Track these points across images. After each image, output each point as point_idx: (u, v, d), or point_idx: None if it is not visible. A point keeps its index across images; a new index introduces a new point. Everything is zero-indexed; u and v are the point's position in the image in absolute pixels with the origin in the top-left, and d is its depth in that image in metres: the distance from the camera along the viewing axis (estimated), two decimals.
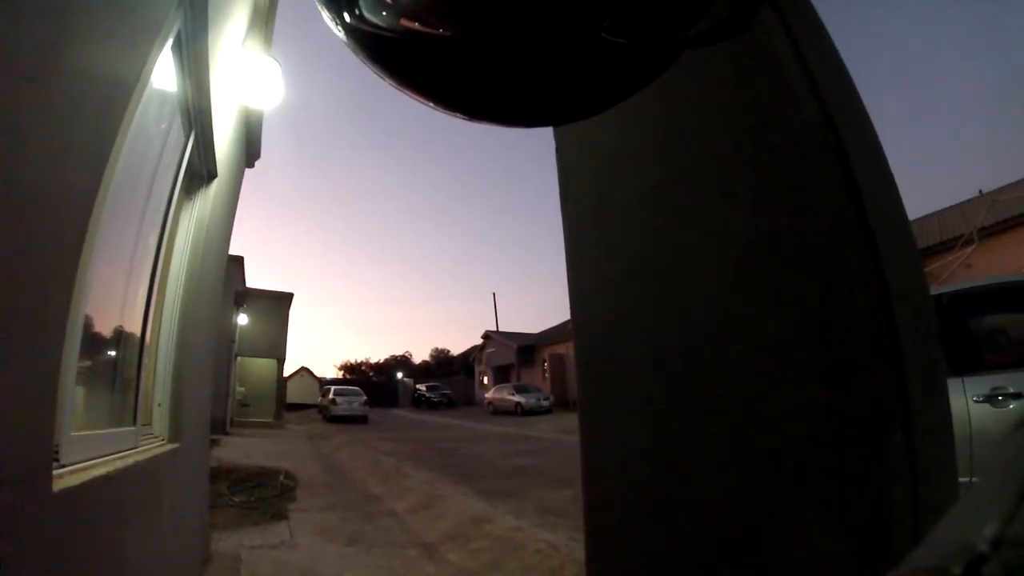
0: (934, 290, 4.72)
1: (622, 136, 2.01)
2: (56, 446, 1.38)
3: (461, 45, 0.56)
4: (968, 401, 3.80)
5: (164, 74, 2.28)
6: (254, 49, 4.04)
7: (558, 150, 2.34)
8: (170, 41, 2.10)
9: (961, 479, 1.37)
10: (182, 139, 2.76)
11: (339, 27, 0.56)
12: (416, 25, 0.54)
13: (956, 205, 17.64)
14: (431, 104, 0.61)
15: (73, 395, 1.51)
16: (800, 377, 1.38)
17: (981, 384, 3.88)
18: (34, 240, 1.12)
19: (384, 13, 0.54)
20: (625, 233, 1.98)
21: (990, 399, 3.80)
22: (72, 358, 1.43)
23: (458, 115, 0.62)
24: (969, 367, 3.99)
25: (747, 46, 1.49)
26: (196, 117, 2.82)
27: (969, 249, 12.65)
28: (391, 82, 0.60)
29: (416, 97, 0.60)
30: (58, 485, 1.29)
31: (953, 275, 11.96)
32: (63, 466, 1.44)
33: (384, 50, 0.58)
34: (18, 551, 1.09)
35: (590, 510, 2.04)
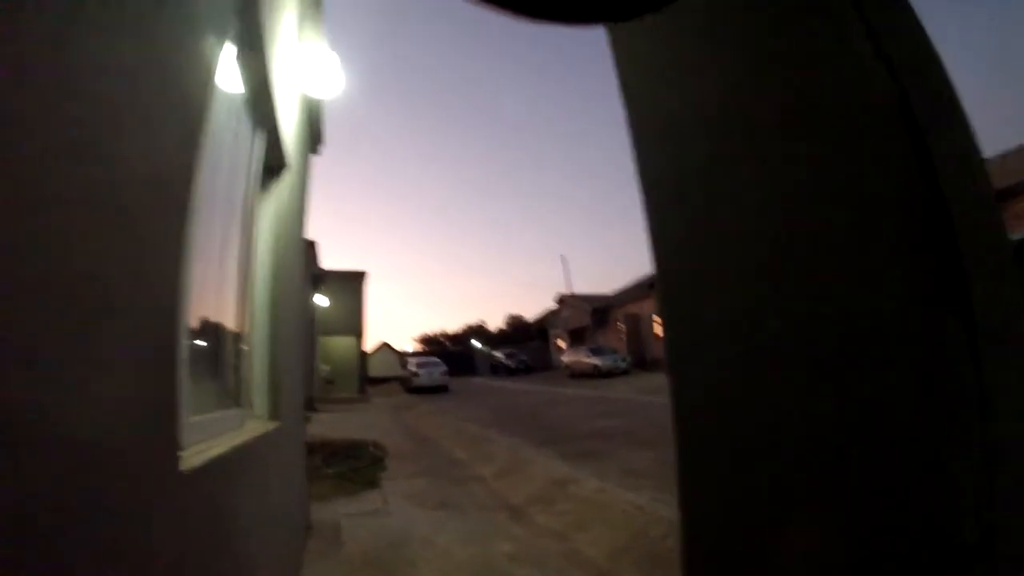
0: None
1: (694, 94, 2.00)
2: (178, 432, 1.53)
3: None
4: None
5: (230, 78, 2.40)
6: (311, 40, 4.15)
7: (627, 106, 2.32)
8: (231, 45, 2.20)
9: None
10: (251, 137, 2.90)
11: None
12: None
13: None
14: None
15: (187, 384, 1.66)
16: (875, 357, 1.37)
17: None
18: (144, 244, 1.24)
19: None
20: (701, 193, 1.98)
21: None
22: (184, 350, 1.58)
23: (503, 10, 0.60)
24: None
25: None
26: (262, 114, 2.95)
27: None
28: None
29: None
30: (184, 466, 1.43)
31: None
32: (184, 449, 1.60)
33: None
34: (153, 526, 1.24)
35: (683, 461, 2.08)
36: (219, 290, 2.45)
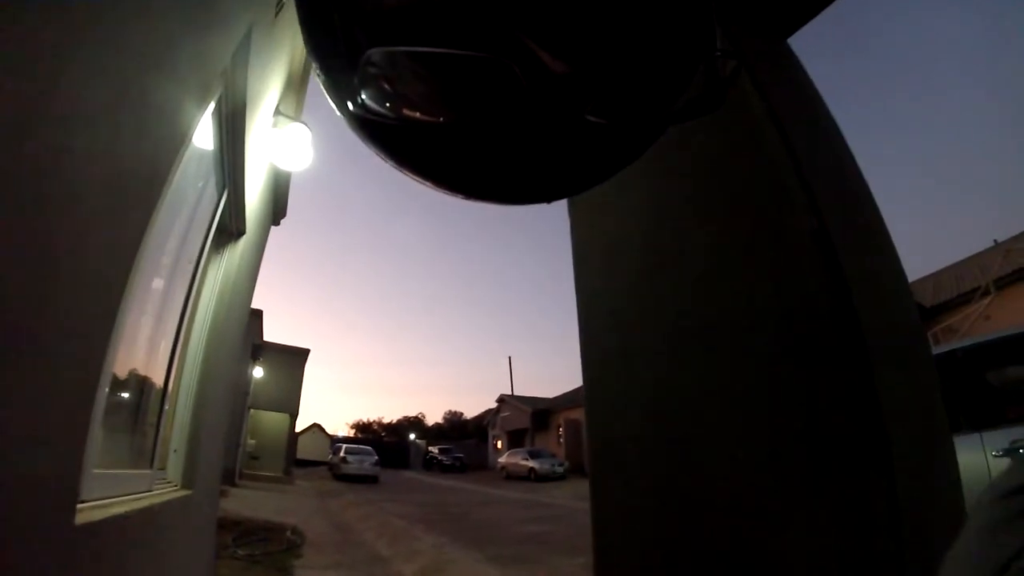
0: (949, 345, 4.64)
1: (629, 218, 2.14)
2: (79, 482, 1.45)
3: (456, 130, 0.63)
4: (987, 456, 3.67)
5: (203, 135, 2.44)
6: (287, 114, 4.26)
7: (573, 231, 2.46)
8: (211, 106, 2.26)
9: None
10: (215, 197, 2.92)
11: (343, 114, 0.64)
12: (416, 114, 0.61)
13: (971, 257, 17.26)
14: (430, 184, 0.68)
15: (98, 434, 1.59)
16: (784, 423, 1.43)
17: (1000, 438, 3.73)
18: (82, 285, 1.23)
19: (387, 104, 0.61)
20: (631, 305, 2.07)
21: (1010, 452, 3.62)
22: (102, 399, 1.52)
23: (456, 195, 0.69)
24: (988, 422, 3.86)
25: (736, 133, 1.62)
26: (230, 176, 2.98)
27: (986, 300, 12.59)
28: (391, 163, 0.67)
29: (415, 177, 0.67)
30: (80, 519, 1.35)
31: (973, 328, 11.88)
32: (84, 501, 1.51)
33: (385, 136, 0.64)
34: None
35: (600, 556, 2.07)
36: (152, 342, 2.38)
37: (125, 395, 2.15)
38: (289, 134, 4.15)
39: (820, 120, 1.74)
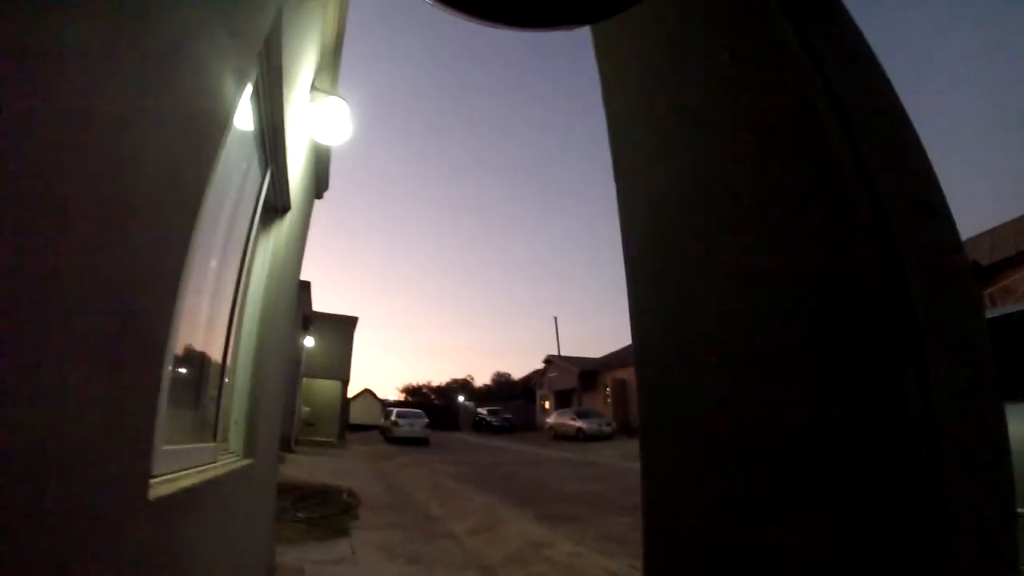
0: (1005, 308, 4.47)
1: (676, 171, 2.10)
2: (151, 460, 1.53)
3: None
4: None
5: (244, 117, 2.48)
6: (323, 88, 4.29)
7: (617, 182, 2.42)
8: (249, 87, 2.29)
9: None
10: (259, 176, 2.97)
11: None
12: None
13: None
14: (441, 6, 0.66)
15: (165, 412, 1.66)
16: (831, 381, 1.40)
17: None
18: (141, 272, 1.27)
19: None
20: (677, 271, 2.05)
21: None
22: (167, 379, 1.59)
23: (475, 19, 0.68)
24: None
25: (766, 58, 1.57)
26: (272, 155, 3.03)
27: None
28: None
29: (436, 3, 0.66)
30: (152, 494, 1.43)
31: None
32: (155, 477, 1.60)
33: None
34: (118, 551, 1.23)
35: (649, 513, 2.09)
36: (209, 320, 2.47)
37: (187, 372, 2.25)
38: (327, 109, 4.18)
39: (859, 51, 1.66)
